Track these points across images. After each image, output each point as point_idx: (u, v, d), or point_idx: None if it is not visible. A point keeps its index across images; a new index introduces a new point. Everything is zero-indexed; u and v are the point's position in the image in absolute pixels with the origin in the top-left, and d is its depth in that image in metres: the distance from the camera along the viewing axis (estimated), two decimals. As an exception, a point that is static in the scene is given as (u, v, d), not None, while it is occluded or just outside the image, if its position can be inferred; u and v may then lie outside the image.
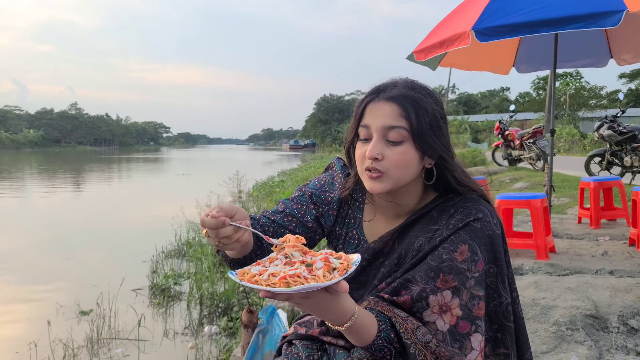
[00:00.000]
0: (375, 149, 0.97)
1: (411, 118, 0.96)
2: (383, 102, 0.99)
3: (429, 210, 1.04)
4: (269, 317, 2.20)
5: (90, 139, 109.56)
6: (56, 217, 10.02)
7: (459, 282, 0.93)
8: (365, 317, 0.90)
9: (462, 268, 0.94)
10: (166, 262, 5.93)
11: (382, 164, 0.98)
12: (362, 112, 1.02)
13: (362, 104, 1.03)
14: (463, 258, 0.95)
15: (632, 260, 3.27)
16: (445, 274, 0.94)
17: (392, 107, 0.98)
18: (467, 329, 0.92)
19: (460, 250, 0.95)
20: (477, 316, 0.93)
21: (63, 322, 4.09)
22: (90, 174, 24.42)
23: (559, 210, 5.76)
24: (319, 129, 63.42)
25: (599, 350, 2.13)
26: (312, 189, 1.17)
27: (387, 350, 0.92)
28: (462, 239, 0.96)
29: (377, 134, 0.98)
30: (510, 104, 29.18)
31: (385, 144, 0.98)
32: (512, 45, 4.67)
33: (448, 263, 0.95)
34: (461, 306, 0.93)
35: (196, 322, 4.11)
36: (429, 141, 0.98)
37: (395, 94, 0.99)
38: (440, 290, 0.93)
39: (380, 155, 0.97)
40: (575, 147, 21.83)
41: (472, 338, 0.92)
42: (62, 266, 6.00)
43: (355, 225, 1.13)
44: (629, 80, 42.34)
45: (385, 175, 0.98)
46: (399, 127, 0.97)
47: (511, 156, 11.16)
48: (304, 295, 0.78)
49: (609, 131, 7.24)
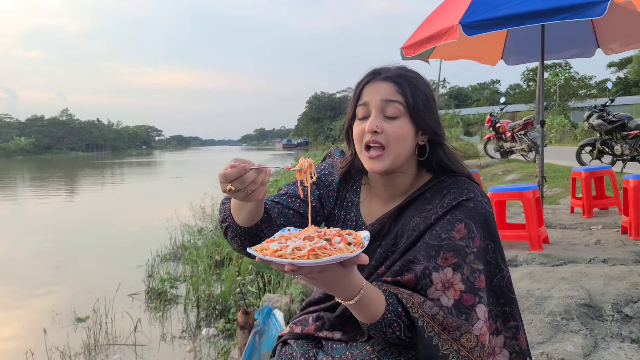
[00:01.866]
0: (375, 122, 1.03)
1: (407, 94, 1.03)
2: (380, 81, 1.05)
3: (422, 192, 1.08)
4: (265, 318, 2.20)
5: (82, 145, 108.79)
6: (50, 224, 9.94)
7: (459, 258, 0.97)
8: (373, 291, 0.92)
9: (461, 245, 0.98)
10: (162, 265, 5.91)
11: (382, 137, 1.02)
12: (360, 93, 1.07)
13: (361, 84, 1.08)
14: (461, 236, 0.99)
15: (625, 248, 3.30)
16: (445, 252, 0.98)
17: (389, 85, 1.04)
18: (471, 300, 0.96)
19: (457, 229, 0.99)
20: (479, 288, 0.97)
21: (59, 329, 4.07)
22: (82, 179, 24.25)
23: (551, 200, 5.79)
24: (312, 127, 63.36)
25: (594, 339, 2.15)
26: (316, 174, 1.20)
27: (396, 325, 0.94)
28: (458, 218, 1.00)
29: (376, 109, 1.04)
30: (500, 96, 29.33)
31: (384, 119, 1.03)
32: (500, 38, 4.69)
33: (447, 241, 0.99)
34: (463, 280, 0.96)
35: (193, 325, 4.10)
36: (423, 117, 1.04)
37: (391, 74, 1.06)
38: (442, 268, 0.97)
39: (379, 129, 1.02)
40: (566, 137, 21.96)
41: (477, 309, 0.96)
42: (58, 273, 5.96)
43: (352, 208, 1.16)
44: (618, 69, 42.66)
45: (385, 151, 1.03)
46: (396, 101, 1.03)
47: (503, 148, 11.21)
48: (322, 269, 0.80)
49: (599, 120, 7.29)
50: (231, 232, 1.07)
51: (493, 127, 11.38)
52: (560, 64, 36.35)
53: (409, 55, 4.00)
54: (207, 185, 11.46)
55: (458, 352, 0.93)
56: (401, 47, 4.10)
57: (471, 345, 0.94)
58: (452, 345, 0.93)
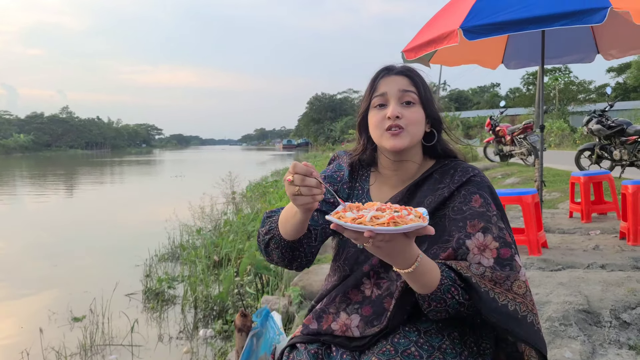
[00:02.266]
0: (396, 109, 1.16)
1: (419, 86, 1.19)
2: (395, 75, 1.20)
3: (430, 174, 1.20)
4: (263, 320, 2.19)
5: (82, 143, 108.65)
6: (48, 222, 9.93)
7: (485, 222, 1.08)
8: (427, 260, 0.98)
9: (482, 211, 1.10)
10: (160, 265, 5.91)
11: (402, 122, 1.15)
12: (376, 85, 1.20)
13: (376, 79, 1.21)
14: (479, 204, 1.11)
15: (623, 253, 3.30)
16: (471, 220, 1.09)
17: (403, 78, 1.19)
18: (508, 253, 1.06)
19: (475, 199, 1.12)
20: (510, 242, 1.08)
21: (55, 329, 4.06)
22: (81, 177, 24.23)
23: (550, 205, 5.80)
24: (312, 128, 63.37)
25: (592, 345, 2.14)
26: (323, 173, 1.29)
27: (453, 290, 1.00)
28: (471, 191, 1.13)
29: (394, 98, 1.17)
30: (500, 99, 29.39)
31: (402, 106, 1.16)
32: (501, 43, 4.69)
33: (470, 211, 1.10)
34: (495, 239, 1.06)
35: (191, 326, 4.09)
36: (430, 106, 1.19)
37: (403, 69, 1.21)
38: (473, 235, 1.07)
39: (400, 114, 1.15)
40: (565, 142, 21.98)
41: (516, 257, 1.07)
42: (55, 272, 5.95)
43: (364, 195, 1.26)
44: (617, 74, 42.75)
45: (405, 131, 1.15)
46: (411, 91, 1.18)
47: (502, 152, 11.20)
48: (390, 238, 0.87)
49: (598, 125, 7.30)
50: (274, 243, 1.15)
51: (493, 131, 11.38)
52: (559, 69, 36.43)
53: (410, 58, 4.00)
54: (206, 185, 11.44)
55: (514, 300, 1.02)
56: (402, 50, 4.10)
57: (522, 291, 1.03)
58: (507, 295, 1.02)
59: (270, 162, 34.12)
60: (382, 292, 1.12)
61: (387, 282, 1.12)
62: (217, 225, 7.86)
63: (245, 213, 8.36)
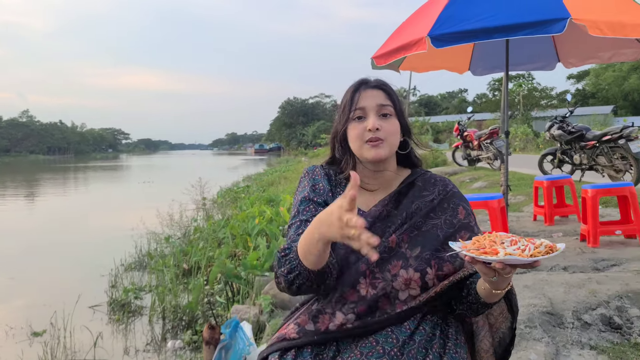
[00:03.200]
0: (376, 121, 1.22)
1: (394, 100, 1.27)
2: (371, 89, 1.27)
3: (413, 181, 1.29)
4: (232, 332, 2.15)
5: (43, 148, 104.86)
6: (5, 231, 9.49)
7: (470, 232, 1.21)
8: None
9: (467, 222, 1.23)
10: (126, 275, 5.73)
11: (381, 133, 1.22)
12: (355, 99, 1.25)
13: (353, 92, 1.26)
14: (464, 215, 1.24)
15: (584, 255, 3.42)
16: (459, 232, 1.21)
17: (379, 92, 1.26)
18: None
19: (460, 211, 1.24)
20: None
21: (13, 345, 3.87)
22: (42, 184, 23.32)
23: (515, 208, 5.96)
24: (284, 133, 63.23)
25: (556, 347, 2.20)
26: (307, 191, 1.28)
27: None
28: (457, 203, 1.25)
29: (373, 111, 1.23)
30: (468, 105, 30.18)
31: (380, 118, 1.23)
32: (467, 50, 4.81)
33: (459, 224, 1.22)
34: None
35: (159, 337, 3.99)
36: (404, 118, 1.28)
37: (379, 84, 1.28)
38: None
39: (380, 126, 1.22)
40: (529, 146, 22.72)
41: None
42: (13, 284, 5.68)
43: None
44: (577, 81, 44.66)
45: (384, 142, 1.22)
46: (388, 105, 1.25)
47: (470, 156, 11.46)
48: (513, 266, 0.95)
49: (559, 131, 7.56)
50: (301, 279, 1.08)
51: (461, 136, 11.64)
52: (523, 75, 37.68)
53: (380, 64, 4.04)
54: (175, 192, 11.21)
55: None
56: (372, 57, 4.14)
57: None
58: None
59: (242, 167, 33.79)
60: (377, 291, 1.16)
61: (383, 283, 1.16)
62: (186, 233, 7.71)
63: (216, 219, 8.23)
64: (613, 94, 39.48)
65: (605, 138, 6.95)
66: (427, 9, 3.84)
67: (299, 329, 1.18)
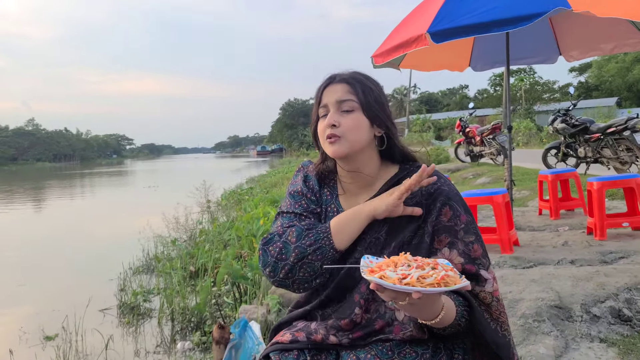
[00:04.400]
0: (332, 117, 1.17)
1: (359, 93, 1.18)
2: (335, 84, 1.20)
3: (398, 180, 1.19)
4: (241, 331, 2.16)
5: (50, 155, 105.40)
6: (16, 238, 9.56)
7: (452, 236, 1.11)
8: (447, 302, 0.99)
9: (450, 225, 1.11)
10: (134, 278, 5.76)
11: (339, 130, 1.16)
12: (321, 96, 1.22)
13: (320, 89, 1.22)
14: (448, 217, 1.12)
15: (591, 248, 3.41)
16: (439, 235, 1.11)
17: (343, 86, 1.19)
18: (473, 270, 1.09)
19: (444, 212, 1.12)
20: (475, 257, 1.10)
21: (27, 349, 3.90)
22: (50, 191, 23.45)
23: (520, 203, 5.95)
24: (286, 134, 63.31)
25: (565, 340, 2.20)
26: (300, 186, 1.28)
27: (466, 313, 1.04)
28: (443, 202, 1.13)
29: (333, 107, 1.18)
30: (469, 101, 30.04)
31: (340, 114, 1.17)
32: (467, 46, 4.81)
33: (439, 226, 1.12)
34: (460, 254, 1.09)
35: (168, 339, 4.01)
36: (375, 112, 1.18)
37: (346, 77, 1.21)
38: (439, 250, 1.11)
39: (337, 122, 1.16)
40: (532, 140, 22.65)
41: (481, 273, 1.09)
42: (25, 289, 5.73)
43: (333, 200, 1.26)
44: (579, 73, 44.45)
45: (342, 137, 1.15)
46: (349, 100, 1.18)
47: (473, 152, 11.45)
48: (425, 296, 0.86)
49: (563, 124, 7.55)
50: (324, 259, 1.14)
51: (463, 132, 11.62)
52: (525, 69, 37.57)
53: (379, 63, 4.05)
54: (180, 195, 11.26)
55: (479, 306, 1.07)
56: (372, 55, 4.15)
57: (488, 301, 1.08)
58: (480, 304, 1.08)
59: (245, 169, 33.82)
60: (370, 315, 1.14)
61: (375, 304, 1.13)
62: (192, 235, 7.74)
63: (220, 221, 8.26)
64: (617, 86, 39.27)
65: (610, 130, 6.93)
66: (426, 6, 3.84)
67: (292, 337, 1.18)
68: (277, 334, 1.24)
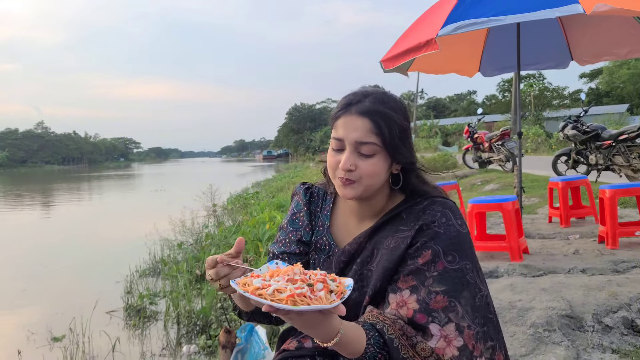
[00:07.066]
0: (349, 161, 1.04)
1: (383, 133, 1.03)
2: (355, 116, 1.04)
3: (398, 212, 1.09)
4: (247, 336, 2.14)
5: (58, 158, 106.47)
6: (25, 240, 9.63)
7: (418, 281, 1.00)
8: (351, 331, 0.92)
9: (422, 269, 1.01)
10: (141, 281, 5.77)
11: (355, 174, 1.04)
12: (336, 125, 1.07)
13: (336, 116, 1.08)
14: (424, 261, 1.01)
15: (603, 257, 3.36)
16: (406, 275, 1.02)
17: (364, 122, 1.03)
18: (424, 320, 0.97)
19: (424, 255, 1.01)
20: (434, 309, 0.98)
21: (34, 350, 3.92)
22: (59, 193, 23.65)
23: (529, 210, 5.89)
24: (292, 139, 63.47)
25: (576, 350, 2.16)
26: (287, 221, 1.25)
27: (380, 357, 0.95)
28: (426, 246, 1.02)
29: (350, 147, 1.04)
30: (477, 106, 30.03)
31: (358, 156, 1.04)
32: (477, 50, 4.78)
33: (410, 267, 1.02)
34: (418, 301, 0.99)
35: (174, 342, 4.00)
36: (400, 151, 1.06)
37: (367, 109, 1.03)
38: (401, 290, 1.01)
39: (353, 167, 1.04)
40: (541, 147, 22.47)
41: (431, 326, 0.97)
42: (32, 291, 5.76)
43: (324, 232, 1.19)
44: (589, 79, 44.13)
45: (357, 182, 1.05)
46: (371, 142, 1.03)
47: (481, 158, 11.37)
48: (300, 313, 0.80)
49: (574, 131, 7.47)
50: (245, 316, 1.14)
51: (471, 138, 11.56)
52: (534, 75, 37.41)
53: (388, 68, 4.03)
54: (187, 199, 11.29)
55: (413, 358, 0.96)
56: (380, 60, 4.14)
57: (426, 354, 0.96)
58: (408, 351, 0.96)
59: (251, 174, 33.89)
60: None
61: None
62: (198, 239, 7.74)
63: (227, 225, 8.26)
64: (628, 92, 38.91)
65: (622, 137, 6.85)
66: (436, 11, 3.82)
67: (298, 344, 1.16)
68: (284, 342, 1.22)
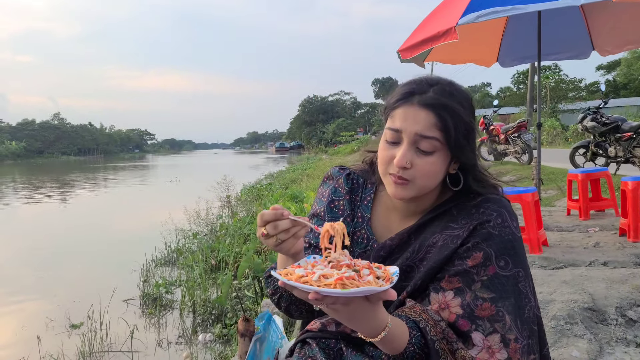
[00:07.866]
0: (405, 157, 0.93)
1: (448, 129, 0.92)
2: (417, 107, 0.93)
3: (448, 209, 1.00)
4: (265, 325, 2.15)
5: (74, 149, 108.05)
6: (43, 229, 9.82)
7: (464, 283, 0.93)
8: (397, 326, 0.86)
9: (471, 271, 0.93)
10: (157, 270, 5.84)
11: (410, 173, 0.94)
12: (393, 112, 0.96)
13: (393, 103, 0.97)
14: (474, 263, 0.93)
15: (625, 250, 3.29)
16: (453, 276, 0.94)
17: (428, 114, 0.92)
18: (467, 327, 0.91)
19: (474, 257, 0.94)
20: (479, 316, 0.92)
21: (53, 336, 4.00)
22: (75, 183, 24.02)
23: (547, 202, 5.80)
24: (304, 131, 63.48)
25: (599, 344, 2.13)
26: (324, 208, 1.13)
27: (418, 357, 0.89)
28: (478, 247, 0.94)
29: (409, 141, 0.94)
30: (492, 99, 29.63)
31: (416, 152, 0.94)
32: (496, 40, 4.69)
33: (457, 268, 0.94)
34: (462, 306, 0.92)
35: (190, 331, 4.04)
36: (463, 150, 0.95)
37: (432, 101, 0.93)
38: (444, 290, 0.94)
39: (409, 164, 0.94)
40: (557, 140, 22.09)
41: (473, 335, 0.91)
42: (51, 279, 5.87)
43: (363, 225, 1.10)
44: (607, 71, 43.18)
45: (411, 182, 0.95)
46: (433, 138, 0.92)
47: (497, 151, 11.21)
48: (347, 301, 0.74)
49: (593, 122, 7.32)
50: (284, 301, 1.07)
51: (487, 130, 11.39)
52: (550, 67, 36.66)
53: (406, 57, 3.99)
54: (201, 189, 11.38)
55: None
56: (398, 50, 4.09)
57: None
58: (447, 356, 0.90)
59: (264, 165, 34.01)
60: None
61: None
62: (213, 229, 7.81)
63: (241, 216, 8.31)
64: (646, 85, 37.99)
65: (642, 129, 6.70)
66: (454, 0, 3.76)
67: (321, 327, 1.12)
68: (308, 323, 1.22)
